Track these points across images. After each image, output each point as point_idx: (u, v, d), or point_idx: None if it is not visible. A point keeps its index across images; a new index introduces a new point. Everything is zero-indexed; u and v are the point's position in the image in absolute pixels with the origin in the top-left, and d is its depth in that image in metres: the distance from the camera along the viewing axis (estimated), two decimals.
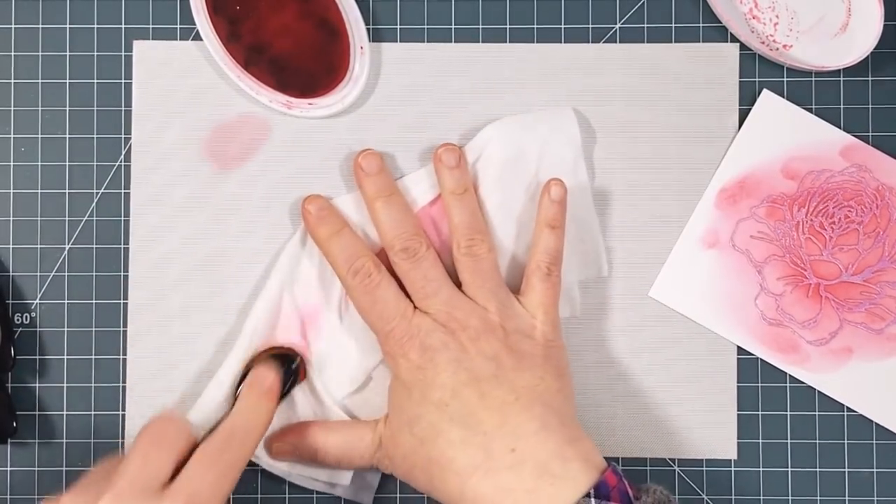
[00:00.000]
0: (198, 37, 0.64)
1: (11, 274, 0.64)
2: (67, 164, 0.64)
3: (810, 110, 0.65)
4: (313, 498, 0.64)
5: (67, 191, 0.64)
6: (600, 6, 0.65)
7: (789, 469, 0.65)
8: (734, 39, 0.65)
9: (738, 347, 0.64)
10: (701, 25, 0.65)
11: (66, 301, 0.64)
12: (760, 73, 0.65)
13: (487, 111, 0.64)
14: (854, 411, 0.65)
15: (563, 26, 0.65)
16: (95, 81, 0.65)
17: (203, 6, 0.63)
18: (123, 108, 0.64)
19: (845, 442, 0.65)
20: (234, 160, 0.65)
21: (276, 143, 0.64)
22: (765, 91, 0.65)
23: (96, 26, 0.65)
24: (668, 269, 0.65)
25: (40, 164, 0.64)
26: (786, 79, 0.65)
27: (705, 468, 0.65)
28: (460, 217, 0.61)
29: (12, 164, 0.64)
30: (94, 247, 0.64)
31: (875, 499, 0.64)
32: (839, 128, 0.65)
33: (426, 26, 0.65)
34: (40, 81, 0.65)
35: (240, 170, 0.64)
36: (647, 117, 0.65)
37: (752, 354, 0.64)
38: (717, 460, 0.65)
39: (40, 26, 0.65)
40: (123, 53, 0.65)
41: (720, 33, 0.65)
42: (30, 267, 0.64)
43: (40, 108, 0.64)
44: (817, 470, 0.65)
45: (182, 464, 0.54)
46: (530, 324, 0.60)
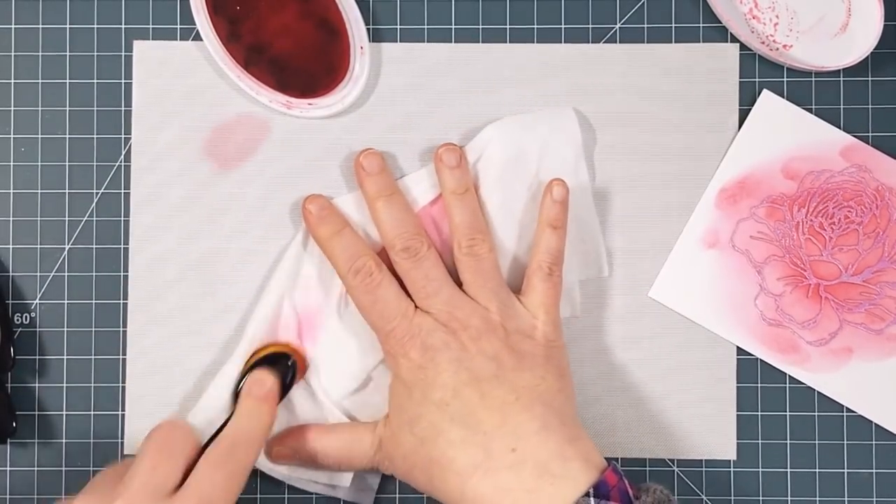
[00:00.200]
0: (198, 37, 0.64)
1: (11, 274, 0.64)
2: (67, 164, 0.64)
3: (810, 110, 0.65)
4: (312, 499, 0.64)
5: (67, 191, 0.64)
6: (600, 6, 0.65)
7: (788, 469, 0.65)
8: (734, 39, 0.65)
9: (738, 348, 0.64)
10: (701, 25, 0.65)
11: (65, 301, 0.64)
12: (760, 73, 0.65)
13: (488, 111, 0.64)
14: (853, 412, 0.65)
15: (563, 26, 0.65)
16: (95, 81, 0.64)
17: (203, 6, 0.63)
18: (123, 108, 0.64)
19: (845, 442, 0.65)
20: (234, 160, 0.64)
21: (275, 143, 0.64)
22: (765, 91, 0.65)
23: (96, 26, 0.65)
24: (667, 270, 0.65)
25: (40, 164, 0.64)
26: (786, 79, 0.65)
27: (705, 468, 0.65)
28: (461, 217, 0.61)
29: (12, 164, 0.64)
30: (94, 247, 0.64)
31: (874, 499, 0.64)
32: (839, 128, 0.65)
33: (426, 26, 0.65)
34: (40, 81, 0.64)
35: (240, 170, 0.64)
36: (647, 117, 0.65)
37: (751, 355, 0.64)
38: (717, 461, 0.65)
39: (40, 26, 0.65)
40: (123, 53, 0.64)
41: (720, 33, 0.65)
42: (30, 267, 0.64)
43: (40, 108, 0.64)
44: (817, 470, 0.64)
45: (188, 470, 0.55)
46: (531, 324, 0.60)
